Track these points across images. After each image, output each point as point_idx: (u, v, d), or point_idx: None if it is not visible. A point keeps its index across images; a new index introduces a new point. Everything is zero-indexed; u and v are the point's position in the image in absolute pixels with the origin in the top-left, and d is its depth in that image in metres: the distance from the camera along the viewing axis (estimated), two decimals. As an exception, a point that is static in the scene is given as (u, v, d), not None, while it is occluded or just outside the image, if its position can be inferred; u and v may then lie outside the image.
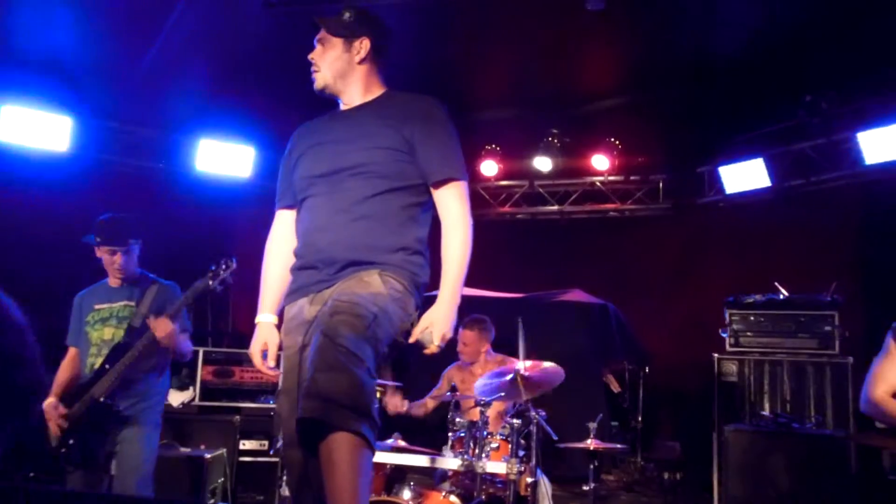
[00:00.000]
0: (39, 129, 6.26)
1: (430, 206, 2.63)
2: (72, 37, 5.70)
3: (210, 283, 3.56)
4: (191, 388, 5.98)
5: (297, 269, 2.62)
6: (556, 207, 8.08)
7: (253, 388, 6.16)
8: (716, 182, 7.23)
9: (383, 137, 2.56)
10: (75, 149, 6.45)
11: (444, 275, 2.50)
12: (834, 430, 5.13)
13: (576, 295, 7.07)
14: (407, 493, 3.93)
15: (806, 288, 5.66)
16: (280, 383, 2.57)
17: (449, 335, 2.46)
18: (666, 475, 6.49)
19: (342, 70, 2.68)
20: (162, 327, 3.60)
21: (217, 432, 5.79)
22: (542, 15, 5.67)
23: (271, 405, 6.11)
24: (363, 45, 2.68)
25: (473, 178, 7.10)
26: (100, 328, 3.86)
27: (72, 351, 3.98)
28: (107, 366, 3.70)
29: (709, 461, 5.38)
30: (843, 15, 5.38)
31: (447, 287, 2.48)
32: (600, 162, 7.57)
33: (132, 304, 3.86)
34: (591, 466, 4.29)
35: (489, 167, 7.85)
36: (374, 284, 2.41)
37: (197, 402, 5.98)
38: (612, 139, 7.50)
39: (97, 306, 3.91)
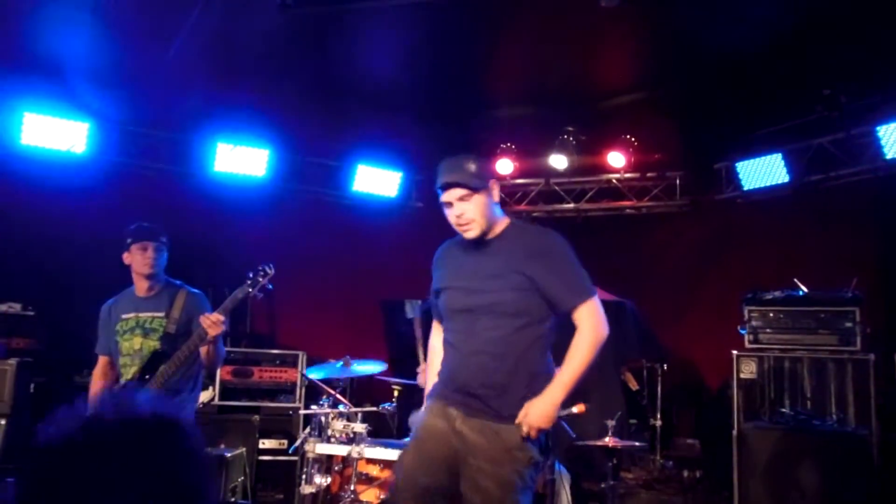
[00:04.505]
0: (59, 133, 6.32)
1: (553, 330, 2.89)
2: (90, 41, 5.75)
3: (250, 290, 3.57)
4: (210, 388, 6.03)
5: (443, 382, 2.96)
6: (572, 205, 8.05)
7: (272, 388, 6.20)
8: (733, 178, 7.16)
9: (510, 279, 2.82)
10: (94, 152, 6.51)
11: (560, 372, 2.77)
12: (856, 427, 5.07)
13: (593, 292, 7.04)
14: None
15: (826, 284, 5.59)
16: (414, 432, 2.97)
17: (544, 427, 2.73)
18: (685, 473, 6.46)
19: (491, 213, 2.91)
20: (214, 323, 3.51)
21: (236, 431, 5.84)
22: (556, 12, 5.65)
23: (290, 404, 6.15)
24: (495, 186, 2.92)
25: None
26: (129, 338, 3.86)
27: (102, 360, 3.99)
28: (147, 376, 3.71)
29: (728, 459, 5.34)
30: (861, 8, 5.32)
31: (558, 384, 2.76)
32: (616, 159, 7.52)
33: (160, 315, 3.84)
34: (610, 464, 4.29)
35: (505, 165, 7.83)
36: (513, 443, 2.75)
37: (216, 401, 6.03)
38: (628, 136, 7.45)
39: (124, 316, 3.89)
